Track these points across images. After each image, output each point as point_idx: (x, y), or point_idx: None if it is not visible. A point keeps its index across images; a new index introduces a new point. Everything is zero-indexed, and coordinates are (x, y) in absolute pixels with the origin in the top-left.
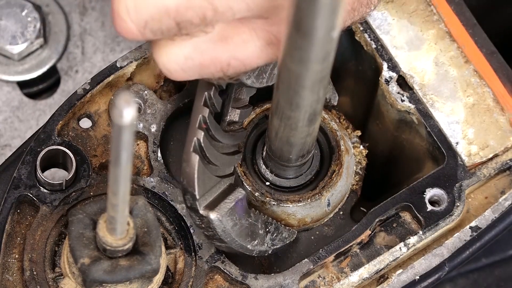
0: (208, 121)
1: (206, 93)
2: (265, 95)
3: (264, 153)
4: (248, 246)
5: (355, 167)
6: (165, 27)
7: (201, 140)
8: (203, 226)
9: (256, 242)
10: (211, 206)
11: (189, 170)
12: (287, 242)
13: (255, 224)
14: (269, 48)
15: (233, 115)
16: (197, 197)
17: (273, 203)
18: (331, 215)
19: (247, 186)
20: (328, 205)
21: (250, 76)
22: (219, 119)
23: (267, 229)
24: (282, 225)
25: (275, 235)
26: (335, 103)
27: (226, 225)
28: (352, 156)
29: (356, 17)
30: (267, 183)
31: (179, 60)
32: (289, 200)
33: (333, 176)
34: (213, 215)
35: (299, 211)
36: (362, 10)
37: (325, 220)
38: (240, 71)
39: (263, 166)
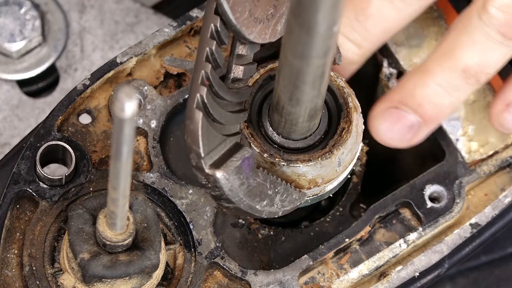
0: (211, 77)
1: (208, 48)
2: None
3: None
4: (257, 207)
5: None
6: None
7: (204, 97)
8: (209, 185)
9: (265, 202)
10: (217, 164)
11: (193, 127)
12: (297, 204)
13: (263, 184)
14: None
15: (237, 72)
16: (202, 155)
17: (283, 163)
18: (342, 176)
19: (255, 148)
20: (339, 164)
21: (253, 31)
22: (222, 77)
23: (276, 190)
24: (292, 186)
25: (284, 196)
26: (340, 63)
27: (233, 183)
28: (361, 115)
29: None
30: (275, 146)
31: None
32: (299, 159)
33: (343, 133)
34: (219, 173)
35: (309, 171)
36: None
37: (336, 179)
38: None
39: (270, 129)
